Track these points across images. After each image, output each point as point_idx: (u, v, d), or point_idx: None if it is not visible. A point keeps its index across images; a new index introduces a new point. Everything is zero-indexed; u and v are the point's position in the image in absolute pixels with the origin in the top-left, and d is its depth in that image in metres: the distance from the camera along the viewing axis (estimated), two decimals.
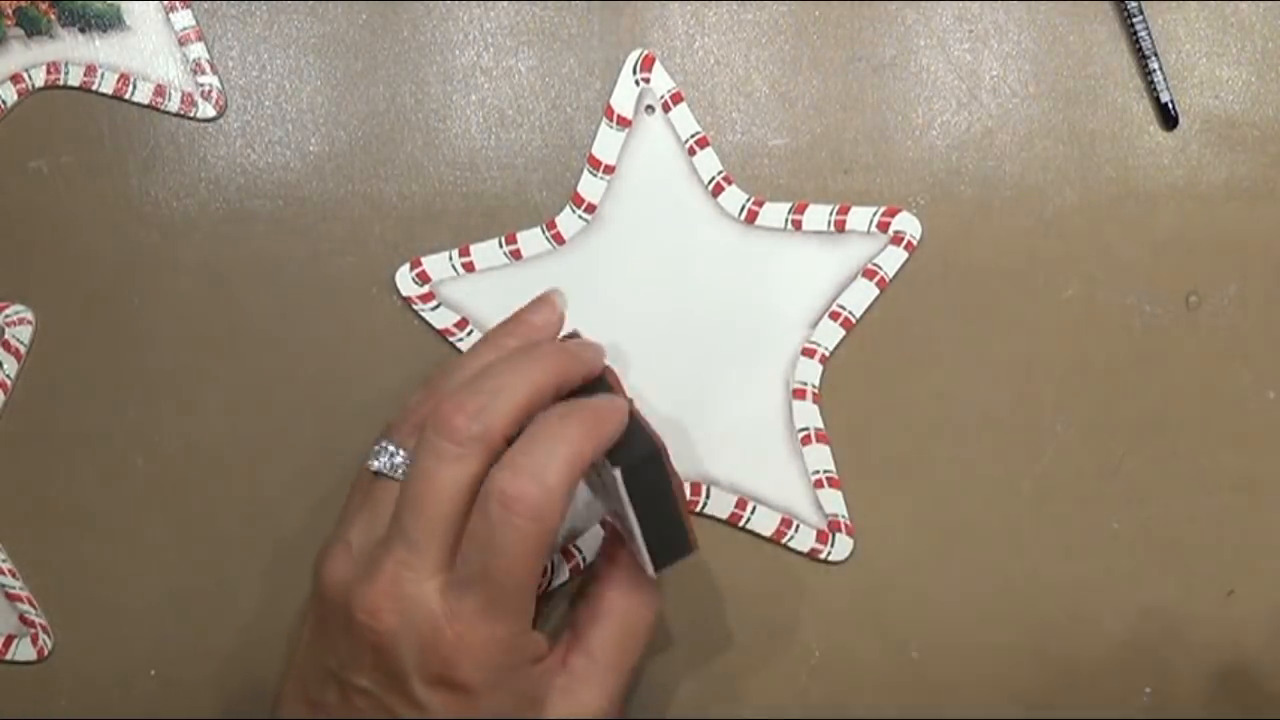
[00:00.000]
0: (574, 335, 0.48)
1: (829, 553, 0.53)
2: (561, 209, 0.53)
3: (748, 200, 0.53)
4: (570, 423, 0.41)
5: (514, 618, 0.41)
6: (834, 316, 0.53)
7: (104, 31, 0.52)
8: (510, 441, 0.41)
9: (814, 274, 0.53)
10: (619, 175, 0.53)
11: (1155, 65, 0.52)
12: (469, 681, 0.41)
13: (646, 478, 0.43)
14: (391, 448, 0.45)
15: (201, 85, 0.53)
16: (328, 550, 0.44)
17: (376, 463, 0.45)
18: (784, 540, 0.53)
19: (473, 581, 0.41)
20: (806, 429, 0.53)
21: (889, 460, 0.53)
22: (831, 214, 0.53)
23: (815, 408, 0.53)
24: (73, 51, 0.52)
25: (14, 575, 0.53)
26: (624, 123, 0.53)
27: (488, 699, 0.42)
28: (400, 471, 0.44)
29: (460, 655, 0.41)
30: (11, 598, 0.53)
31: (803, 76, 0.53)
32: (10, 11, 0.52)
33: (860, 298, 0.53)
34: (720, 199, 0.53)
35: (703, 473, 0.53)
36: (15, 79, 0.52)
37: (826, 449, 0.53)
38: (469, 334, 0.53)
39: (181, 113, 0.53)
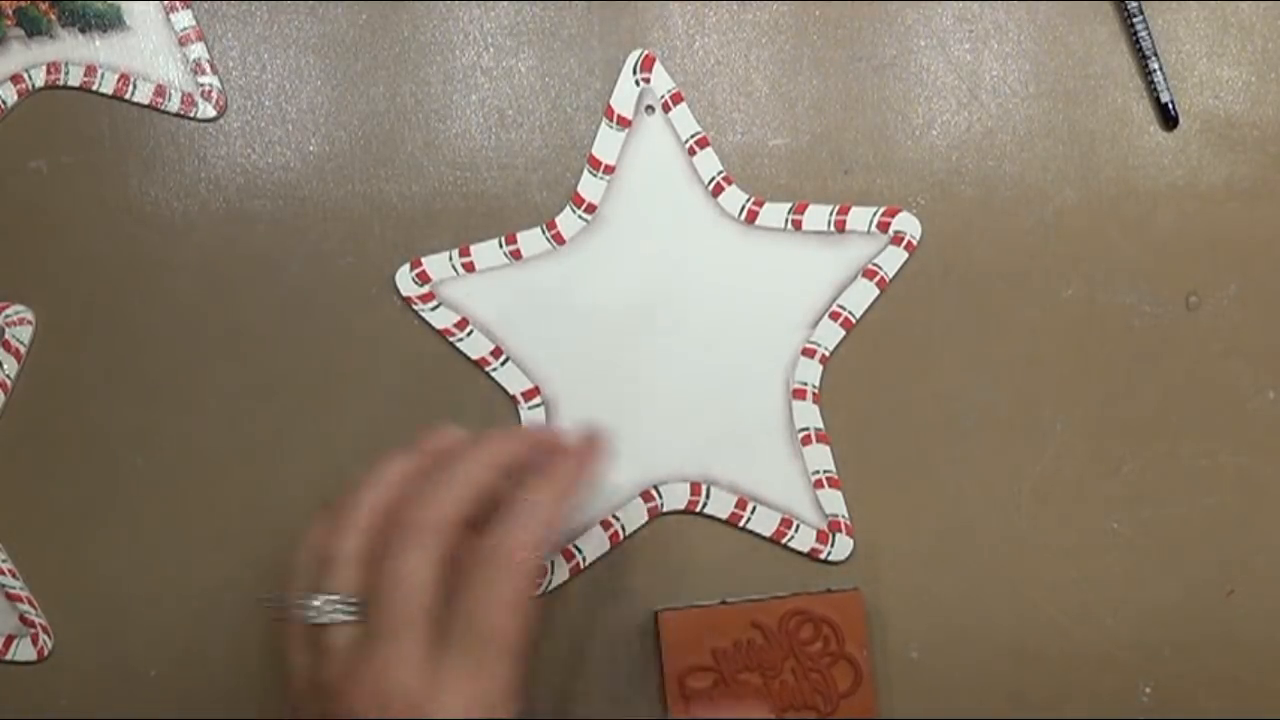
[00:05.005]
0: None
1: (829, 553, 0.53)
2: (561, 209, 0.53)
3: (748, 200, 0.53)
4: (540, 490, 0.44)
5: (503, 672, 0.42)
6: (834, 316, 0.53)
7: (104, 31, 0.52)
8: (470, 524, 0.43)
9: (814, 274, 0.53)
10: (619, 175, 0.53)
11: (1155, 65, 0.52)
12: None
13: None
14: (319, 600, 0.44)
15: (201, 85, 0.53)
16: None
17: (315, 617, 0.44)
18: (784, 540, 0.53)
19: (458, 649, 0.41)
20: (806, 429, 0.53)
21: (889, 460, 0.53)
22: (831, 214, 0.53)
23: (815, 408, 0.53)
24: (73, 51, 0.52)
25: (14, 575, 0.53)
26: (624, 123, 0.53)
27: None
28: (340, 613, 0.43)
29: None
30: (11, 598, 0.53)
31: (803, 76, 0.53)
32: (10, 11, 0.52)
33: (860, 298, 0.53)
34: (720, 199, 0.53)
35: (703, 473, 0.53)
36: (15, 79, 0.52)
37: (826, 449, 0.53)
38: (469, 334, 0.53)
39: (181, 113, 0.53)
